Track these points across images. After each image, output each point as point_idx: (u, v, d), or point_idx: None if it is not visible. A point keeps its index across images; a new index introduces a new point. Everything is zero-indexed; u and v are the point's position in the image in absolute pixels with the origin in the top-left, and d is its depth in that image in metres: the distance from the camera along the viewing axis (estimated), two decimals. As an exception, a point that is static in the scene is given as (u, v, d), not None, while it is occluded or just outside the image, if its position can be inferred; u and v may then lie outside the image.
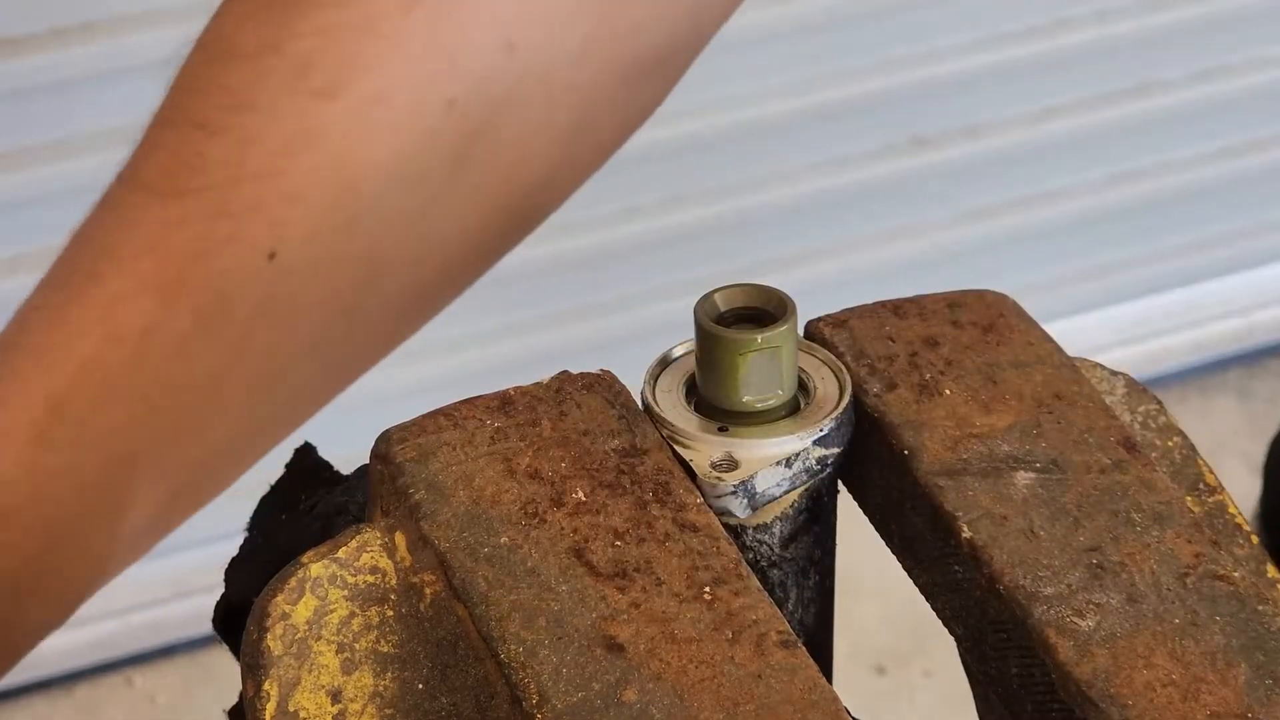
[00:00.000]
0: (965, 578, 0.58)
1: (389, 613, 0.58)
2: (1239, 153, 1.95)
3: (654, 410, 0.61)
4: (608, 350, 1.81)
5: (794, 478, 0.60)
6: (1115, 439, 0.60)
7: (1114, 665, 0.54)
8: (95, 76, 1.58)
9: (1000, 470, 0.59)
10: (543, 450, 0.60)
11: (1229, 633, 0.55)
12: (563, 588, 0.56)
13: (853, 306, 0.65)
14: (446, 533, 0.57)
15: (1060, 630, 0.55)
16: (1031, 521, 0.58)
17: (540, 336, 1.84)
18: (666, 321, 1.84)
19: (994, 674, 0.58)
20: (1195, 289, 2.02)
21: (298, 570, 0.58)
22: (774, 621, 0.55)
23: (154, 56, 1.59)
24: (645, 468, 0.59)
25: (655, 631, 0.55)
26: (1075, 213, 1.97)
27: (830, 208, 1.89)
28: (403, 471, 0.59)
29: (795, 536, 0.62)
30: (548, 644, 0.54)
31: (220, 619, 0.69)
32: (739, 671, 0.54)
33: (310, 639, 0.57)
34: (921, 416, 0.61)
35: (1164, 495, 0.59)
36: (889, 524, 0.62)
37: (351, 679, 0.57)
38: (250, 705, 0.57)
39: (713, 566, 0.57)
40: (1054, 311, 1.96)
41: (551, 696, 0.53)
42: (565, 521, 0.58)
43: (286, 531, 0.68)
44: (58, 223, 1.72)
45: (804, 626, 0.64)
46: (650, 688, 0.53)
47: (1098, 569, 0.57)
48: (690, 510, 0.58)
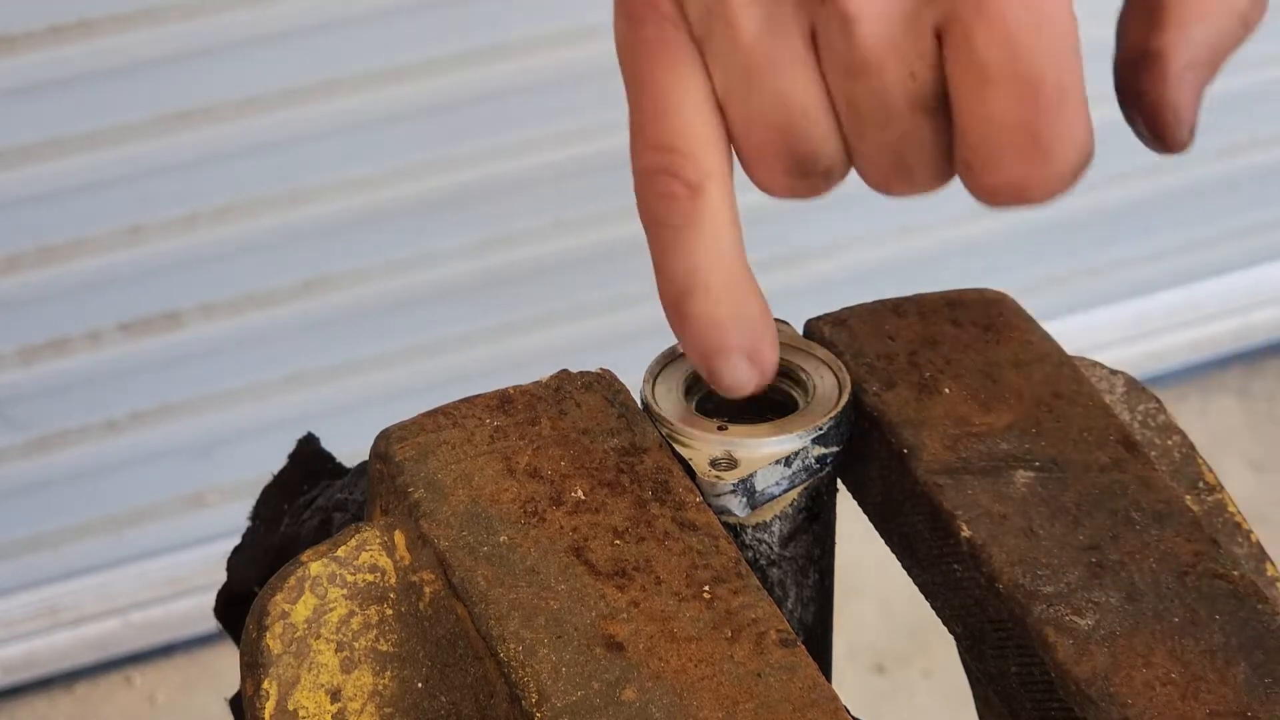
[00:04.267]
0: (964, 576, 0.58)
1: (388, 611, 0.58)
2: (1239, 152, 1.95)
3: (653, 409, 0.61)
4: (607, 349, 1.81)
5: (793, 476, 0.60)
6: (1115, 438, 0.60)
7: (1113, 664, 0.54)
8: (93, 74, 1.58)
9: (999, 469, 0.59)
10: (542, 449, 0.60)
11: (1228, 631, 0.55)
12: (562, 586, 0.56)
13: (852, 305, 0.65)
14: (446, 531, 0.57)
15: (1059, 629, 0.55)
16: (1031, 520, 0.58)
17: (540, 336, 1.84)
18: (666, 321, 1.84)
19: (993, 673, 0.58)
20: (1195, 288, 2.02)
21: (297, 569, 0.58)
22: (773, 620, 0.55)
23: (152, 55, 1.60)
24: (644, 466, 0.59)
25: (655, 630, 0.55)
26: (1075, 212, 1.97)
27: (830, 207, 1.89)
28: (402, 470, 0.59)
29: (794, 535, 0.62)
30: (547, 643, 0.54)
31: (221, 608, 0.69)
32: (738, 670, 0.54)
33: (309, 637, 0.57)
34: (921, 415, 0.61)
35: (1163, 494, 0.59)
36: (888, 523, 0.62)
37: (351, 677, 0.57)
38: (249, 704, 0.57)
39: (712, 565, 0.57)
40: (1054, 311, 1.96)
41: (551, 695, 0.53)
42: (564, 520, 0.58)
43: (287, 522, 0.68)
44: (57, 222, 1.73)
45: (803, 625, 0.64)
46: (649, 686, 0.53)
47: (1097, 568, 0.57)
48: (689, 509, 0.58)
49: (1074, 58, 0.55)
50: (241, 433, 1.78)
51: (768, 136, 0.58)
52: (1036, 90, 0.55)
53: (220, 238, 1.69)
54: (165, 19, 1.58)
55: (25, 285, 1.66)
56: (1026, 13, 0.54)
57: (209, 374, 1.75)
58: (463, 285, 1.79)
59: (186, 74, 1.61)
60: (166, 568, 1.82)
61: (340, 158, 1.69)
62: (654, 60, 0.57)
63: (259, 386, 1.78)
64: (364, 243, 1.74)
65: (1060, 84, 0.55)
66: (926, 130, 0.57)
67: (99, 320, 1.70)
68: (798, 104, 0.57)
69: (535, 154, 1.73)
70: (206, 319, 1.72)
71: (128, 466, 1.77)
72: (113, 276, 1.67)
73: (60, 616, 1.82)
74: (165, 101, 1.62)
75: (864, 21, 0.55)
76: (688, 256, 0.59)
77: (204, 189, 1.67)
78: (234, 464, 1.79)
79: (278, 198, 1.69)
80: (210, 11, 1.59)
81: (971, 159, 0.56)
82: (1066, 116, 0.55)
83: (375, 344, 1.79)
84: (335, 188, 1.70)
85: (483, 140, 1.72)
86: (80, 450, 1.75)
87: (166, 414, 1.76)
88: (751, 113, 0.57)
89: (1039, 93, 0.55)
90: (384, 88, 1.67)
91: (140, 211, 1.66)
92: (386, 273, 1.76)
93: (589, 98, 1.73)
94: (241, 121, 1.64)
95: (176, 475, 1.79)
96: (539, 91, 1.71)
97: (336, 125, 1.67)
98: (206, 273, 1.70)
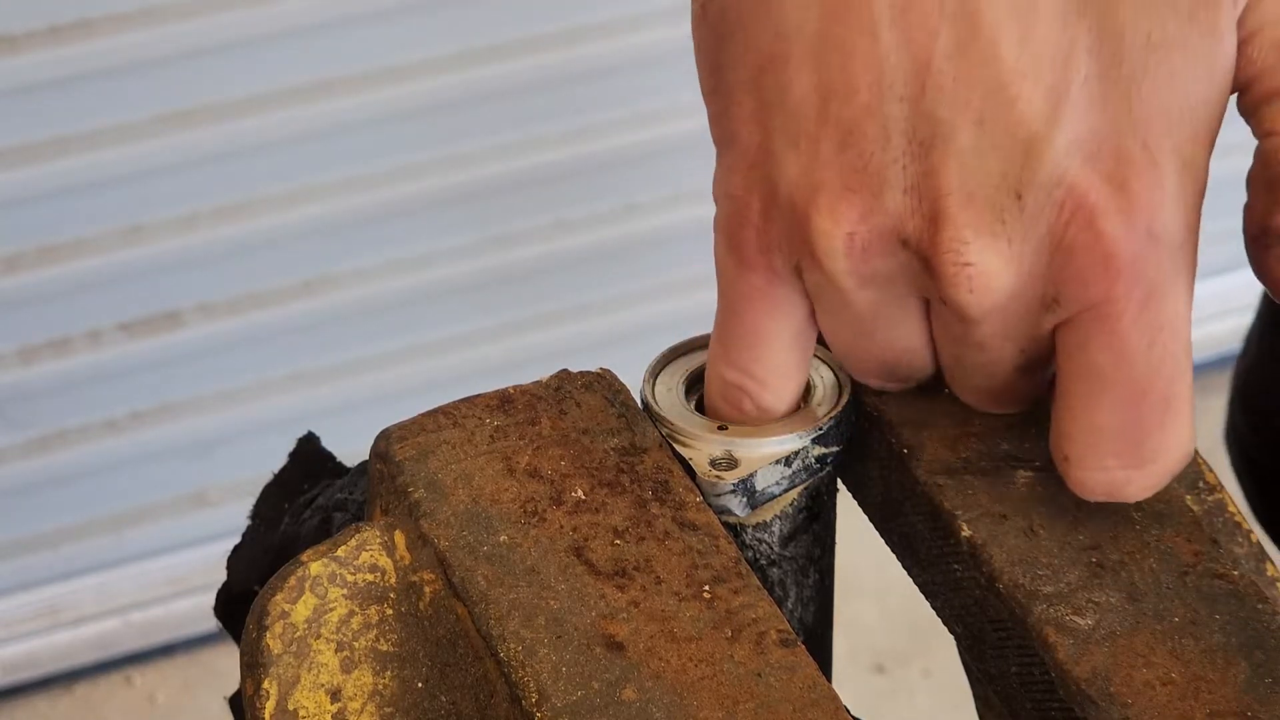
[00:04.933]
0: (965, 576, 0.58)
1: (388, 611, 0.58)
2: (1239, 151, 1.94)
3: (653, 409, 0.61)
4: (607, 349, 1.81)
5: (793, 476, 0.60)
6: (1115, 437, 0.60)
7: (1113, 663, 0.54)
8: (93, 74, 1.58)
9: (1000, 469, 0.59)
10: (542, 449, 0.60)
11: (1228, 631, 0.55)
12: (562, 586, 0.56)
13: (852, 305, 0.65)
14: (446, 531, 0.57)
15: (1060, 629, 0.55)
16: (1031, 520, 0.58)
17: (540, 335, 1.84)
18: (666, 320, 1.85)
19: (993, 673, 0.58)
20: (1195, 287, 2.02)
21: (297, 569, 0.58)
22: (773, 620, 0.55)
23: (152, 54, 1.60)
24: (645, 466, 0.59)
25: (655, 630, 0.55)
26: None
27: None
28: (402, 470, 0.59)
29: (794, 535, 0.62)
30: (547, 642, 0.54)
31: (221, 607, 0.69)
32: (738, 670, 0.54)
33: (309, 637, 0.57)
34: (921, 415, 0.61)
35: (1163, 494, 0.59)
36: (888, 523, 0.62)
37: (351, 677, 0.57)
38: (249, 703, 0.57)
39: (712, 565, 0.56)
40: (1053, 310, 1.96)
41: (551, 695, 0.53)
42: (565, 520, 0.58)
43: (287, 521, 0.68)
44: (57, 222, 1.73)
45: (803, 625, 0.64)
46: (649, 686, 0.53)
47: (1097, 567, 0.57)
48: (690, 509, 0.58)
49: (1184, 369, 0.56)
50: (242, 432, 1.78)
51: (873, 367, 0.60)
52: (1142, 400, 0.55)
53: (220, 238, 1.69)
54: (165, 19, 1.58)
55: (25, 285, 1.66)
56: (1144, 328, 0.55)
57: (209, 374, 1.75)
58: (463, 285, 1.79)
59: (186, 74, 1.61)
60: (166, 568, 1.82)
61: (340, 158, 1.69)
62: (756, 303, 0.58)
63: (259, 386, 1.78)
64: (364, 243, 1.74)
65: (1167, 395, 0.56)
66: (1027, 383, 0.59)
67: (99, 320, 1.70)
68: (904, 349, 0.59)
69: (535, 154, 1.73)
70: (206, 319, 1.72)
71: (128, 466, 1.77)
72: (113, 276, 1.67)
73: (60, 616, 1.82)
74: (165, 101, 1.62)
75: (982, 323, 0.56)
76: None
77: (204, 189, 1.67)
78: (234, 463, 1.79)
79: (278, 198, 1.69)
80: (210, 11, 1.59)
81: (1071, 454, 0.57)
82: (1169, 426, 0.56)
83: (375, 344, 1.79)
84: (335, 188, 1.70)
85: (483, 140, 1.72)
86: (80, 450, 1.75)
87: (166, 414, 1.76)
88: (859, 353, 0.59)
89: (1145, 402, 0.55)
90: (384, 88, 1.67)
91: (140, 211, 1.66)
92: (386, 273, 1.76)
93: (589, 97, 1.73)
94: (241, 121, 1.64)
95: (176, 475, 1.79)
96: (539, 91, 1.71)
97: (336, 125, 1.67)
98: (206, 273, 1.70)
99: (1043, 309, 0.55)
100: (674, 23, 1.71)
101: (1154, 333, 0.55)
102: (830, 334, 0.59)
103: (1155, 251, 0.54)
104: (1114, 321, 0.54)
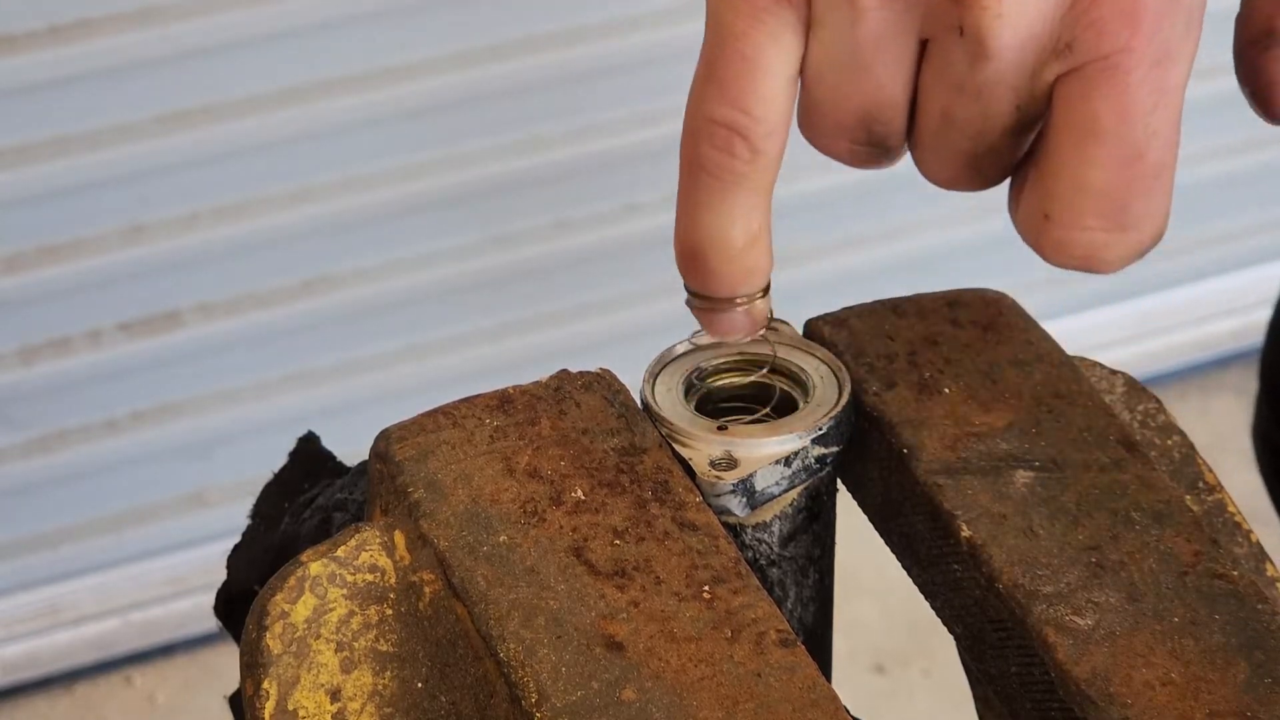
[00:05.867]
0: (964, 576, 0.58)
1: (388, 611, 0.58)
2: (1239, 151, 1.95)
3: (653, 409, 0.61)
4: (607, 349, 1.81)
5: (793, 476, 0.60)
6: (1114, 438, 0.60)
7: (1113, 664, 0.54)
8: (93, 74, 1.58)
9: (999, 469, 0.59)
10: (542, 449, 0.60)
11: (1228, 631, 0.55)
12: (562, 586, 0.56)
13: (852, 305, 0.65)
14: (445, 531, 0.57)
15: (1059, 629, 0.55)
16: (1031, 520, 0.58)
17: (539, 335, 1.84)
18: (666, 321, 1.84)
19: (993, 673, 0.58)
20: (1195, 287, 2.02)
21: (297, 569, 0.58)
22: (773, 620, 0.55)
23: (152, 54, 1.60)
24: (644, 466, 0.59)
25: (654, 630, 0.55)
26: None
27: (830, 206, 1.89)
28: (402, 470, 0.59)
29: (794, 535, 0.62)
30: (547, 642, 0.54)
31: (221, 606, 0.69)
32: (738, 670, 0.54)
33: (309, 637, 0.57)
34: (921, 415, 0.61)
35: (1163, 494, 0.59)
36: (888, 523, 0.62)
37: (350, 677, 0.57)
38: (249, 703, 0.57)
39: (712, 565, 0.56)
40: (1053, 310, 1.96)
41: (550, 695, 0.53)
42: (564, 520, 0.58)
43: (287, 521, 0.68)
44: (57, 222, 1.73)
45: (803, 625, 0.64)
46: (649, 686, 0.53)
47: (1097, 568, 0.57)
48: (689, 509, 0.58)
49: (1176, 140, 0.56)
50: (241, 432, 1.78)
51: (848, 119, 0.58)
52: (1136, 162, 0.55)
53: (220, 238, 1.69)
54: (165, 19, 1.58)
55: (25, 285, 1.66)
56: (1150, 89, 0.54)
57: (209, 374, 1.75)
58: (463, 285, 1.79)
59: (186, 74, 1.61)
60: (166, 568, 1.82)
61: (340, 158, 1.69)
62: (757, 23, 0.56)
63: (259, 386, 1.78)
64: (364, 243, 1.74)
65: (1159, 163, 0.55)
66: (1009, 148, 0.58)
67: (99, 320, 1.69)
68: (888, 98, 0.57)
69: (536, 154, 1.73)
70: (206, 319, 1.72)
71: (128, 466, 1.77)
72: (113, 276, 1.67)
73: (60, 616, 1.82)
74: (165, 101, 1.62)
75: (995, 59, 0.55)
76: (724, 213, 0.59)
77: (204, 189, 1.67)
78: (234, 463, 1.79)
79: (278, 198, 1.69)
80: (210, 11, 1.59)
81: (1053, 211, 0.56)
82: (1155, 196, 0.56)
83: (375, 344, 1.79)
84: (335, 188, 1.70)
85: (483, 140, 1.72)
86: (80, 450, 1.75)
87: (166, 414, 1.76)
88: (841, 96, 0.57)
89: (1138, 165, 0.55)
90: (384, 88, 1.67)
91: (140, 211, 1.66)
92: (387, 273, 1.76)
93: (589, 98, 1.73)
94: (241, 121, 1.64)
95: (176, 475, 1.79)
96: (539, 91, 1.71)
97: (336, 125, 1.67)
98: (206, 273, 1.70)
99: (1053, 55, 0.55)
100: (674, 23, 1.71)
101: (1159, 95, 0.54)
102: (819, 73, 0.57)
103: (1175, 13, 0.54)
104: (1125, 74, 0.54)
